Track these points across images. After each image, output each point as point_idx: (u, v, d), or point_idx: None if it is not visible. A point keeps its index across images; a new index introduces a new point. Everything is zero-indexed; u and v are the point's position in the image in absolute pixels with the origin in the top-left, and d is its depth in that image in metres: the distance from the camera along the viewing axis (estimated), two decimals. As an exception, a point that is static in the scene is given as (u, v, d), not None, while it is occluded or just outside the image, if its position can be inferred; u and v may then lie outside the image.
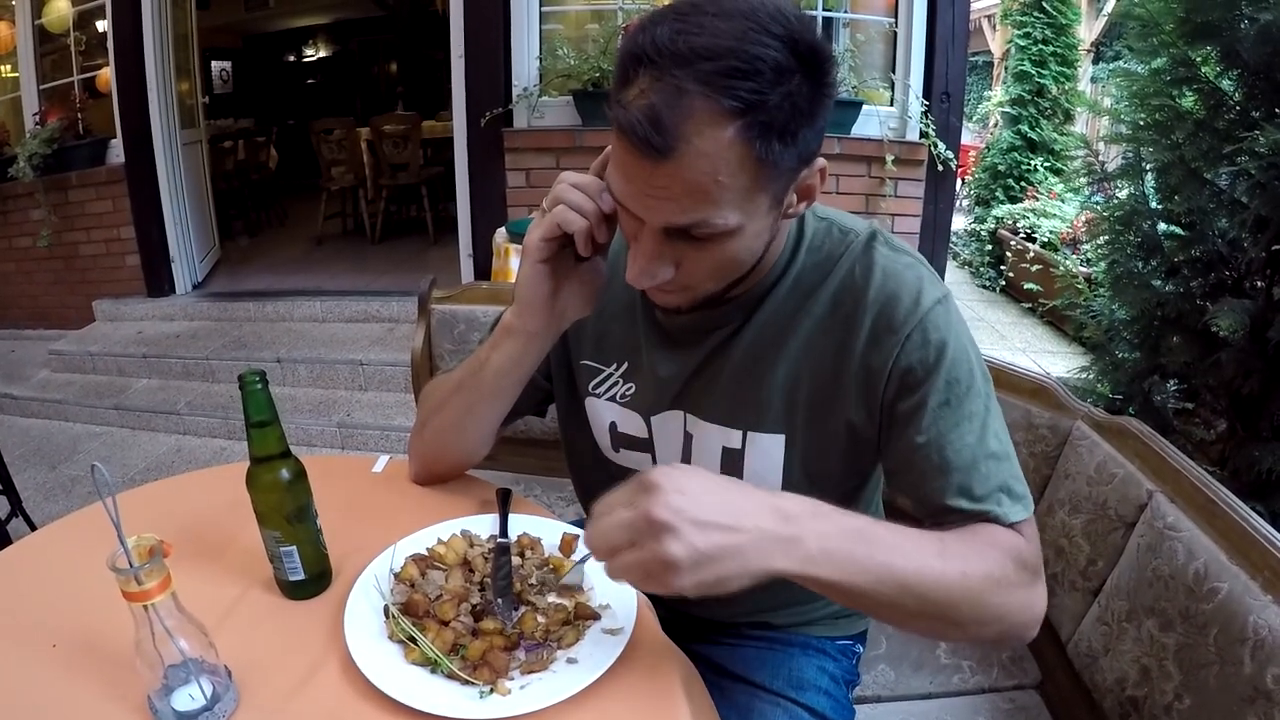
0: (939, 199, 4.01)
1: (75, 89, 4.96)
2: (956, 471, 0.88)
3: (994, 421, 0.91)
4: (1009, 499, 0.89)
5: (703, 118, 0.72)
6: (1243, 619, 0.96)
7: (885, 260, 0.92)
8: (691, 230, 0.78)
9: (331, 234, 6.64)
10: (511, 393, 1.07)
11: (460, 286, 1.95)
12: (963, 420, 0.89)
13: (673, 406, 1.04)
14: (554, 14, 4.05)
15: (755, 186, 0.77)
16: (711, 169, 0.73)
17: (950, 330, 0.90)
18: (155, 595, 0.73)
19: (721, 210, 0.76)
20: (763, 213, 0.80)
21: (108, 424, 4.11)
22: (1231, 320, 2.06)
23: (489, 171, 4.04)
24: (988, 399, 0.91)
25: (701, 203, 0.76)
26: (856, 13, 4.08)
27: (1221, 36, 2.15)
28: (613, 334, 1.08)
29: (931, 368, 0.89)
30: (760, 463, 1.00)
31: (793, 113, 0.74)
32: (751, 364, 0.97)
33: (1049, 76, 6.75)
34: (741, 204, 0.77)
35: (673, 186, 0.75)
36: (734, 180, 0.75)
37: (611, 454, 1.14)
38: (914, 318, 0.89)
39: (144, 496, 1.22)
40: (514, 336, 1.01)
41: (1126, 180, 2.51)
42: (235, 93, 10.75)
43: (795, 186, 0.83)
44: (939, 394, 0.89)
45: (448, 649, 0.85)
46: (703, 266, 0.84)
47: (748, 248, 0.83)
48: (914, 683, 1.41)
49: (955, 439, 0.88)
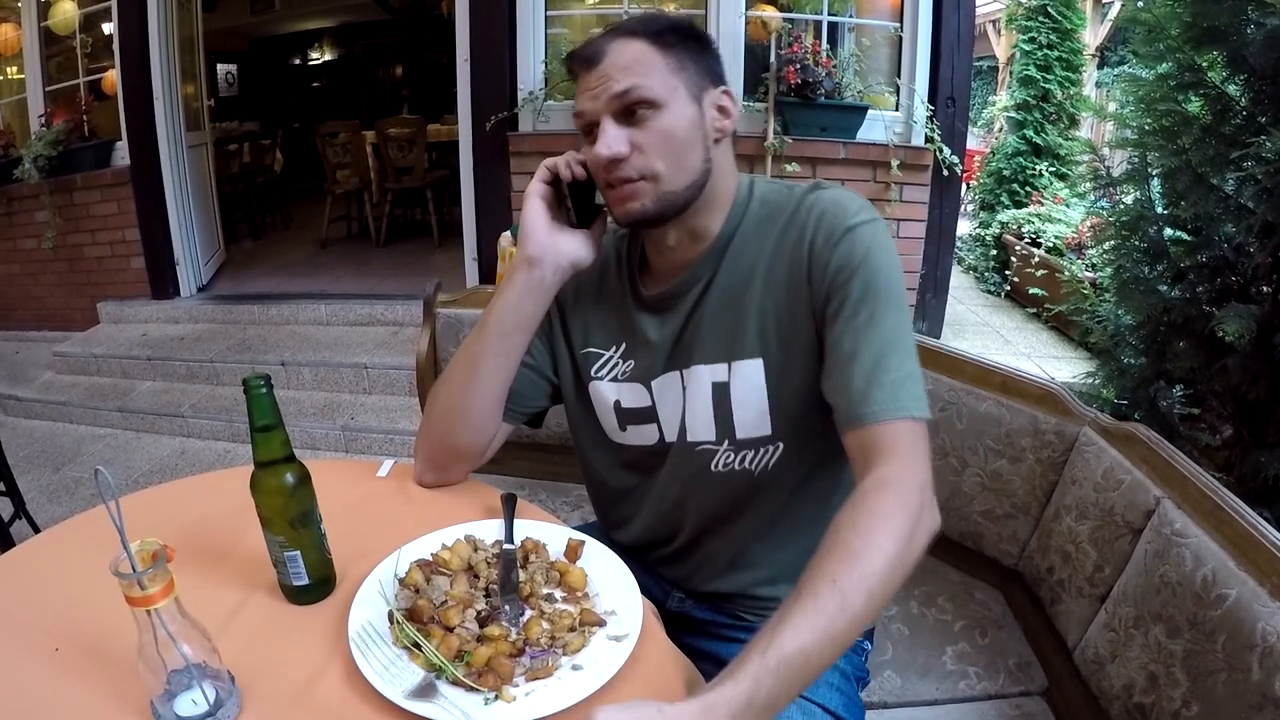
0: (944, 204, 4.01)
1: (81, 91, 4.97)
2: (860, 364, 0.97)
3: (904, 338, 0.99)
4: (908, 399, 0.96)
5: (619, 40, 1.04)
6: (1251, 625, 0.96)
7: (825, 192, 1.07)
8: (627, 99, 1.01)
9: (336, 237, 6.64)
10: (515, 339, 1.16)
11: (465, 290, 1.95)
12: (874, 325, 0.98)
13: (668, 369, 1.14)
14: (559, 18, 4.06)
15: (667, 69, 1.02)
16: (630, 57, 1.02)
17: (876, 244, 1.01)
18: (158, 600, 0.73)
19: (644, 80, 1.01)
20: (684, 100, 1.03)
21: (112, 426, 4.11)
22: (1238, 326, 2.05)
23: (494, 175, 4.04)
24: (899, 320, 1.00)
25: (628, 74, 1.01)
26: (862, 17, 4.08)
27: (1228, 41, 2.14)
28: (609, 321, 1.20)
29: (854, 270, 1.00)
30: (744, 388, 1.09)
31: (682, 41, 1.04)
32: (724, 306, 1.09)
33: (1054, 81, 6.74)
34: (660, 81, 1.02)
35: (608, 72, 1.02)
36: (650, 63, 1.02)
37: (619, 435, 1.20)
38: (844, 226, 1.02)
39: (147, 500, 1.22)
40: (517, 269, 1.14)
41: (1132, 185, 2.50)
42: (241, 96, 10.77)
43: (710, 100, 1.06)
44: (856, 295, 0.99)
45: (452, 655, 0.84)
46: (648, 140, 1.02)
47: (681, 126, 1.03)
48: (920, 689, 1.41)
49: (865, 339, 0.97)
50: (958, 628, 1.52)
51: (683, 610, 1.26)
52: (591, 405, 1.21)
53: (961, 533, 1.61)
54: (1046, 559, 1.43)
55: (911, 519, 0.87)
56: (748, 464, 1.11)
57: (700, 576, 1.23)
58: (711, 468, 1.12)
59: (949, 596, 1.59)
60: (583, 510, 1.84)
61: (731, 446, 1.11)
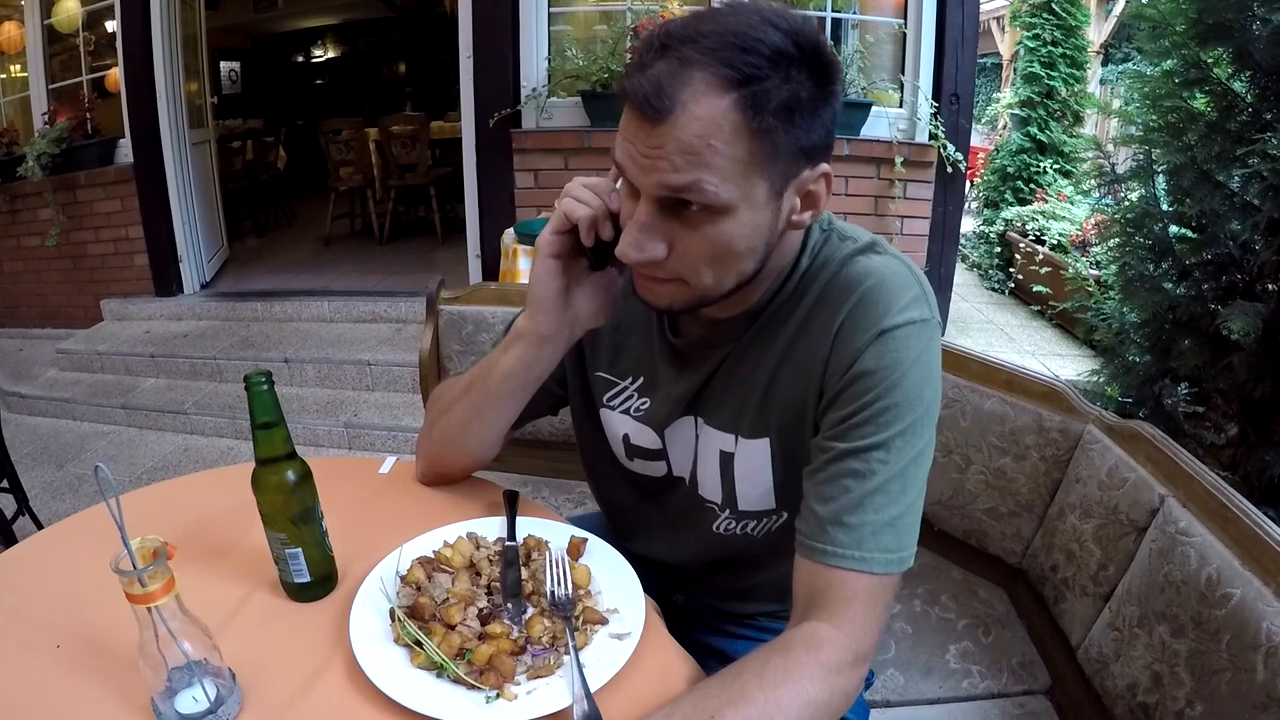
0: (948, 201, 4.00)
1: (84, 89, 4.98)
2: (838, 486, 0.84)
3: (909, 477, 0.85)
4: (876, 549, 0.82)
5: (700, 85, 0.74)
6: (1255, 625, 0.95)
7: (875, 262, 0.89)
8: (684, 195, 0.77)
9: (339, 234, 6.66)
10: (519, 397, 1.06)
11: (468, 287, 1.94)
12: (876, 453, 0.83)
13: (684, 415, 1.04)
14: (562, 15, 4.06)
15: (750, 161, 0.76)
16: (705, 132, 0.74)
17: (913, 356, 0.84)
18: (159, 598, 0.73)
19: (714, 177, 0.76)
20: (760, 202, 0.79)
21: (115, 423, 4.12)
22: (1243, 323, 2.05)
23: (497, 172, 4.04)
24: (911, 455, 0.85)
25: (694, 165, 0.75)
26: (866, 14, 4.06)
27: (1234, 38, 2.14)
28: (629, 348, 1.08)
29: (877, 383, 0.84)
30: (748, 465, 1.00)
31: (790, 97, 0.75)
32: (744, 374, 0.97)
33: (1058, 78, 6.72)
34: (736, 178, 0.77)
35: (667, 146, 0.75)
36: (728, 149, 0.75)
37: (626, 462, 1.15)
38: (882, 324, 0.84)
39: (149, 497, 1.22)
40: (524, 339, 1.00)
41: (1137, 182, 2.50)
42: (244, 93, 10.78)
43: (797, 186, 0.82)
44: (869, 412, 0.84)
45: (454, 653, 0.84)
46: (694, 248, 0.82)
47: (742, 236, 0.81)
48: (923, 688, 1.41)
49: (858, 464, 0.84)
50: (961, 626, 1.52)
51: (688, 604, 1.26)
52: (601, 426, 1.15)
53: (965, 531, 1.61)
54: (1050, 557, 1.43)
55: (827, 692, 0.77)
56: (750, 530, 1.07)
57: (709, 600, 1.22)
58: (713, 528, 1.08)
59: (952, 595, 1.59)
60: (585, 508, 1.83)
61: (733, 515, 1.06)
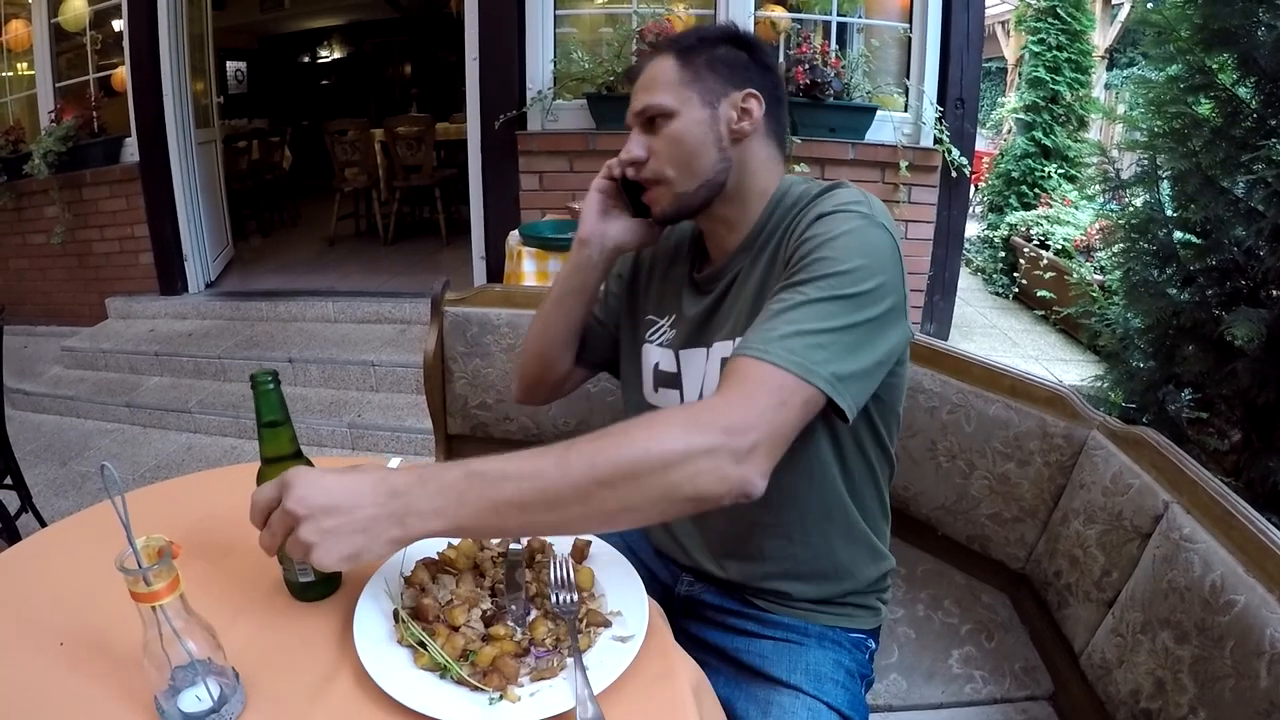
0: (952, 205, 4.00)
1: (91, 87, 5.00)
2: (764, 317, 0.97)
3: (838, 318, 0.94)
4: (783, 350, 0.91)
5: (658, 57, 1.16)
6: (1259, 632, 0.95)
7: (841, 188, 1.08)
8: (647, 112, 1.13)
9: (344, 235, 6.67)
10: (570, 302, 1.32)
11: (473, 289, 1.94)
12: (804, 305, 0.94)
13: (695, 344, 1.21)
14: (568, 17, 4.06)
15: (681, 82, 1.12)
16: (655, 74, 1.14)
17: (850, 231, 0.99)
18: (163, 596, 0.73)
19: (661, 95, 1.12)
20: (695, 106, 1.11)
21: (119, 421, 4.13)
22: (1247, 329, 2.04)
23: (502, 174, 4.05)
24: (839, 312, 0.94)
25: (648, 90, 1.13)
26: (871, 18, 4.07)
27: (1239, 43, 2.13)
28: (669, 293, 1.30)
29: (813, 249, 0.99)
30: None
31: (711, 52, 1.13)
32: (747, 286, 1.15)
33: (1063, 83, 6.70)
34: (673, 92, 1.11)
35: (637, 91, 1.15)
36: (667, 79, 1.12)
37: (652, 396, 1.29)
38: (826, 209, 1.03)
39: (154, 495, 1.22)
40: (571, 251, 1.31)
41: (1142, 188, 2.50)
42: (250, 93, 10.81)
43: (729, 103, 1.12)
44: (802, 274, 0.97)
45: (457, 654, 0.84)
46: (662, 149, 1.13)
47: (690, 132, 1.11)
48: (926, 692, 1.40)
49: (785, 306, 0.95)
50: (964, 631, 1.52)
51: (692, 594, 1.27)
52: (640, 366, 1.31)
53: (969, 536, 1.60)
54: (1054, 563, 1.43)
55: (684, 443, 0.82)
56: None
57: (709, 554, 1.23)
58: None
59: (955, 600, 1.58)
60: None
61: None
